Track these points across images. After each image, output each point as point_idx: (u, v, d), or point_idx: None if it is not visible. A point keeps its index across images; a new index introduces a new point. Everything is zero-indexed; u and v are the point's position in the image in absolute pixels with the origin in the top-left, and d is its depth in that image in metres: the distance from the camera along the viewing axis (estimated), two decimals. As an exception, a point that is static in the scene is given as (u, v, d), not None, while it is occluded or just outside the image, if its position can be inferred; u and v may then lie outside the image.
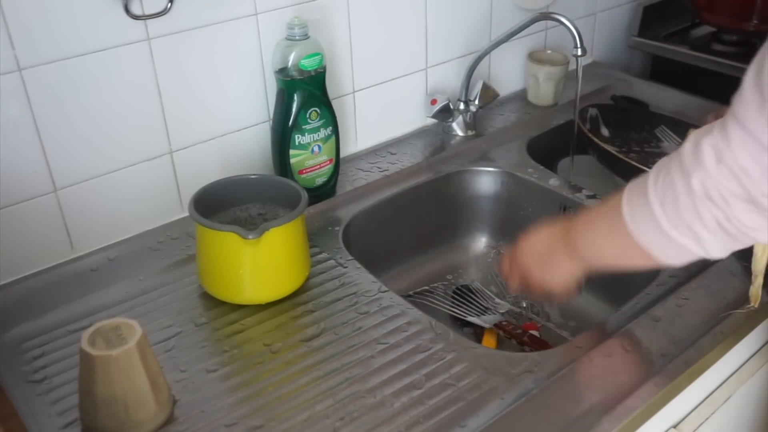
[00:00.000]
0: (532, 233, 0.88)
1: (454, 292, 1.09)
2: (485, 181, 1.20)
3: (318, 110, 1.04)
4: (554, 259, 0.84)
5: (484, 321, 1.03)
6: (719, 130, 0.64)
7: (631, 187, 0.73)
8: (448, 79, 1.30)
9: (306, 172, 1.07)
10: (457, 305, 1.06)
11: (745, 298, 0.89)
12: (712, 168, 0.64)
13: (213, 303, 0.89)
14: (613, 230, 0.74)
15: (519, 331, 1.00)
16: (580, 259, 0.81)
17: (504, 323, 1.02)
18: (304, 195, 0.89)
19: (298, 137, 1.04)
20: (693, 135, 0.67)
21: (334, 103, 1.07)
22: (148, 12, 0.92)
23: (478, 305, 1.06)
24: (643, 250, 0.71)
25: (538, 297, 0.90)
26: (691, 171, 0.65)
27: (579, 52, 1.09)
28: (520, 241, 0.89)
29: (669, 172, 0.68)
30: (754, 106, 0.61)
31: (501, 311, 1.04)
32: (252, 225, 0.91)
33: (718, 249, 0.68)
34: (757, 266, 0.88)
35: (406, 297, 1.10)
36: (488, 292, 1.08)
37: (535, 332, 1.01)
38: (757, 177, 0.62)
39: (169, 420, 0.73)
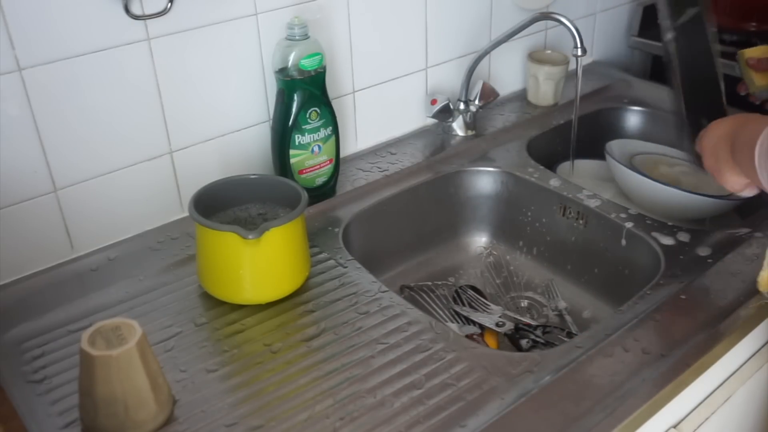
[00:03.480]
0: (716, 124, 0.94)
1: (456, 293, 1.09)
2: (485, 181, 1.20)
3: (318, 110, 1.04)
4: (721, 158, 0.91)
5: (487, 321, 1.02)
6: None
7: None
8: (448, 79, 1.30)
9: (306, 172, 1.07)
10: (458, 306, 1.06)
11: (745, 298, 0.89)
12: None
13: (213, 303, 0.89)
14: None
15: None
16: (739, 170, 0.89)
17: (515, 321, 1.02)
18: (304, 195, 0.89)
19: (298, 137, 1.04)
20: None
21: (334, 103, 1.07)
22: (148, 12, 0.92)
23: (479, 307, 1.06)
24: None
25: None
26: None
27: (579, 52, 1.09)
28: (711, 125, 0.95)
29: None
30: None
31: (497, 315, 1.03)
32: (252, 225, 0.91)
33: None
34: None
35: (405, 287, 1.10)
36: (483, 300, 1.08)
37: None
38: None
39: (169, 420, 0.73)
